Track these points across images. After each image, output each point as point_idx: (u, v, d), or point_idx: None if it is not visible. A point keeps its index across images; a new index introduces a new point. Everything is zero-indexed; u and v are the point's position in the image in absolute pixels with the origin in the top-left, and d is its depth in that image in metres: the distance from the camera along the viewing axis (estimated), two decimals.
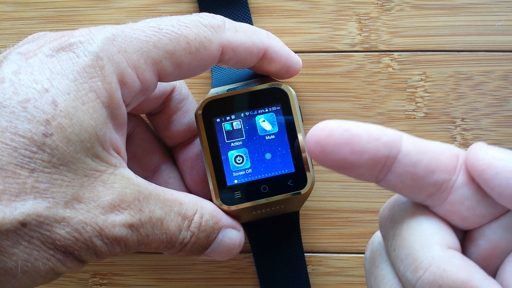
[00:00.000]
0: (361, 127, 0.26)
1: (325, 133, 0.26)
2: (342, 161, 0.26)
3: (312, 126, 0.42)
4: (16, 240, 0.29)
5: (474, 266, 0.25)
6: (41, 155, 0.29)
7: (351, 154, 0.26)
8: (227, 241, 0.38)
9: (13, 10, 0.45)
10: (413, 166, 0.26)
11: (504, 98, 0.43)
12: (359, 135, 0.26)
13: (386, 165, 0.26)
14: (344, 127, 0.26)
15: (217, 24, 0.35)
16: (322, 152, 0.26)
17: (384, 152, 0.26)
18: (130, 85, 0.33)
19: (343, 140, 0.26)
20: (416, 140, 0.26)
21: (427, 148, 0.26)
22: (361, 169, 0.27)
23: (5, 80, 0.30)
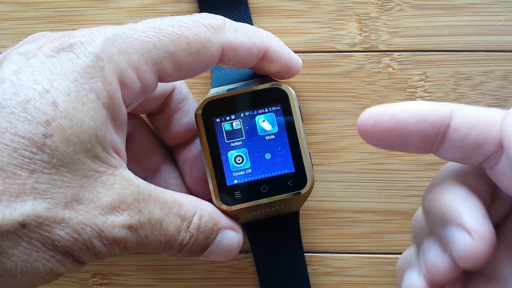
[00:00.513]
0: (408, 110, 0.27)
1: (371, 122, 0.28)
2: (393, 144, 0.28)
3: (312, 126, 0.43)
4: (15, 241, 0.29)
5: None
6: (41, 156, 0.29)
7: (399, 138, 0.28)
8: (226, 243, 0.38)
9: (13, 10, 0.45)
10: (462, 141, 0.27)
11: (504, 98, 0.43)
12: (405, 120, 0.27)
13: (437, 140, 0.28)
14: (390, 113, 0.27)
15: (217, 25, 0.35)
16: (372, 139, 0.28)
17: (432, 132, 0.27)
18: (130, 85, 0.32)
19: (390, 127, 0.27)
20: (467, 113, 0.27)
21: (478, 121, 0.27)
22: (412, 147, 0.28)
23: (5, 80, 0.30)
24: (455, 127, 0.27)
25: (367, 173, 0.43)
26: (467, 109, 0.27)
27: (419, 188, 0.43)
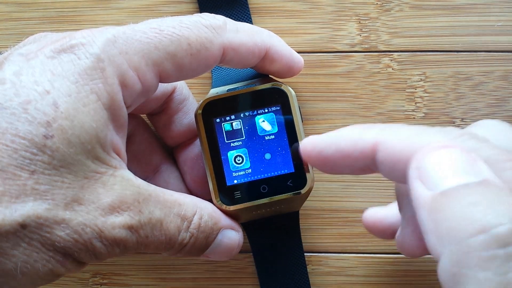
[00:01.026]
0: (332, 146, 0.29)
1: (305, 155, 0.30)
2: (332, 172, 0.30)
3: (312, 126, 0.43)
4: (15, 241, 0.29)
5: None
6: (42, 157, 0.29)
7: (333, 170, 0.29)
8: (226, 242, 0.38)
9: (14, 10, 0.45)
10: (389, 173, 0.27)
11: (504, 98, 0.43)
12: (332, 156, 0.29)
13: (371, 168, 0.28)
14: (317, 149, 0.29)
15: (218, 25, 0.35)
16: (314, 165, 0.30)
17: (361, 164, 0.28)
18: (131, 87, 0.33)
19: (321, 161, 0.29)
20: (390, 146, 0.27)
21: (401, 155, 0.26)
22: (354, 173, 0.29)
23: (6, 81, 0.30)
24: (379, 161, 0.27)
25: None
26: (390, 139, 0.27)
27: None
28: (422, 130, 0.27)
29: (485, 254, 0.21)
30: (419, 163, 0.25)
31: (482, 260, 0.21)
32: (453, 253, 0.22)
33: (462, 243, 0.22)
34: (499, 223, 0.22)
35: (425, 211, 0.24)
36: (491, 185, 0.23)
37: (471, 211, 0.22)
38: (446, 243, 0.23)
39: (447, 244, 0.23)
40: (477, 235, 0.22)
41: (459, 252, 0.22)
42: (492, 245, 0.21)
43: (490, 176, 0.24)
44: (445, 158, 0.24)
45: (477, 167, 0.24)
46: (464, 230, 0.22)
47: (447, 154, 0.24)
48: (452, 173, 0.24)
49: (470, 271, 0.22)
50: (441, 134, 0.26)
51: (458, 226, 0.22)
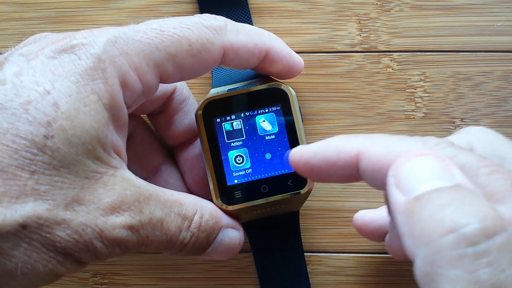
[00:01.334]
0: (317, 156, 0.29)
1: (294, 164, 0.30)
2: (319, 180, 0.30)
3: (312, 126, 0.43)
4: (16, 242, 0.29)
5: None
6: (42, 157, 0.29)
7: (321, 178, 0.30)
8: (227, 241, 0.38)
9: (14, 10, 0.45)
10: (372, 182, 0.28)
11: (504, 98, 0.43)
12: (318, 165, 0.29)
13: (356, 176, 0.29)
14: (304, 158, 0.29)
15: (218, 26, 0.35)
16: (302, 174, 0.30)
17: (346, 173, 0.29)
18: (131, 87, 0.33)
19: (308, 170, 0.30)
20: (371, 155, 0.27)
21: (382, 165, 0.27)
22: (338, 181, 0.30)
23: (7, 81, 0.30)
24: (361, 170, 0.28)
25: None
26: (371, 149, 0.28)
27: None
28: (402, 139, 0.27)
29: (455, 253, 0.22)
30: (395, 171, 0.26)
31: (452, 259, 0.22)
32: (426, 253, 0.23)
33: (433, 243, 0.23)
34: (468, 223, 0.22)
35: (401, 215, 0.25)
36: (462, 189, 0.24)
37: (442, 212, 0.23)
38: (420, 244, 0.23)
39: (421, 245, 0.23)
40: (447, 235, 0.22)
41: (431, 252, 0.23)
42: (461, 244, 0.22)
43: (463, 181, 0.24)
44: (420, 165, 0.25)
45: (451, 173, 0.25)
46: (435, 231, 0.23)
47: (422, 162, 0.25)
48: (426, 179, 0.25)
49: (441, 269, 0.22)
50: (419, 143, 0.27)
51: (429, 227, 0.23)
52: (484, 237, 0.22)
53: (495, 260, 0.22)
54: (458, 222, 0.22)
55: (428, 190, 0.24)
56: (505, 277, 0.22)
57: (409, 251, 0.24)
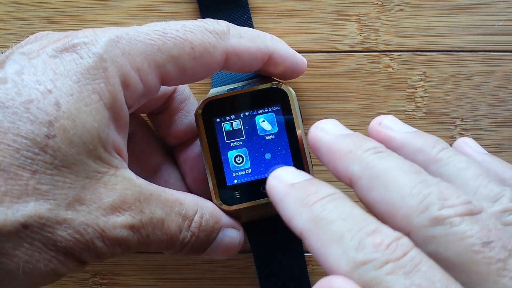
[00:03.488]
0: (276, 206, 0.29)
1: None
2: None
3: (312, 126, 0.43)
4: (17, 242, 0.29)
5: None
6: (44, 157, 0.29)
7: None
8: (227, 241, 0.38)
9: (15, 10, 0.45)
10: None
11: (504, 98, 0.43)
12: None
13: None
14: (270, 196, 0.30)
15: (221, 30, 0.35)
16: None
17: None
18: (133, 87, 0.33)
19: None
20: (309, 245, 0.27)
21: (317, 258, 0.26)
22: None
23: (8, 80, 0.30)
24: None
25: None
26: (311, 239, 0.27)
27: None
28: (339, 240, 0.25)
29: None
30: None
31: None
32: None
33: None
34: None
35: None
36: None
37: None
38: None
39: None
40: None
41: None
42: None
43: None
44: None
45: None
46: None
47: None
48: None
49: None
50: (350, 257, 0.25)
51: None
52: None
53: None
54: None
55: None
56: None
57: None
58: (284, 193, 0.29)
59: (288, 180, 0.30)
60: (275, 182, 0.30)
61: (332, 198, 0.28)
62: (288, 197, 0.29)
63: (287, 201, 0.29)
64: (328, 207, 0.27)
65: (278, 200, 0.29)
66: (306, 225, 0.27)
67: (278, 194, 0.29)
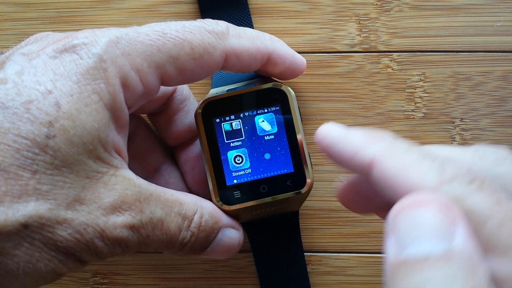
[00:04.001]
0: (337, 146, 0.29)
1: (317, 142, 0.30)
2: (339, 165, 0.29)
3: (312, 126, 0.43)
4: (18, 241, 0.29)
5: None
6: (44, 157, 0.29)
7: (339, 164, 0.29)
8: (227, 241, 0.38)
9: (14, 10, 0.45)
10: (381, 192, 0.27)
11: (503, 98, 0.43)
12: (335, 155, 0.29)
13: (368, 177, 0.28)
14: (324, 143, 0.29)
15: (221, 31, 0.35)
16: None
17: (358, 171, 0.28)
18: (132, 88, 0.33)
19: (327, 153, 0.29)
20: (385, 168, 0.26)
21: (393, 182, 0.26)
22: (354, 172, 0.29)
23: (8, 81, 0.30)
24: (372, 178, 0.27)
25: None
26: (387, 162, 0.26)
27: None
28: (421, 161, 0.26)
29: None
30: (393, 218, 0.24)
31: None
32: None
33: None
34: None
35: (386, 274, 0.24)
36: (453, 259, 0.22)
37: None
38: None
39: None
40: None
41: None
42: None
43: (461, 243, 0.23)
44: (418, 218, 0.23)
45: (451, 229, 0.23)
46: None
47: (422, 214, 0.23)
48: (420, 238, 0.23)
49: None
50: (435, 172, 0.25)
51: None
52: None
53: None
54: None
55: (416, 255, 0.23)
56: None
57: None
58: (344, 132, 0.29)
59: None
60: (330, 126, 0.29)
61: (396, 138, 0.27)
62: (351, 133, 0.28)
63: (351, 137, 0.28)
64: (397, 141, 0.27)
65: (338, 138, 0.29)
66: (379, 151, 0.27)
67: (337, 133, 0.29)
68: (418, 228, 0.23)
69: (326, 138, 0.29)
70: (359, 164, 0.27)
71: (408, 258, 0.23)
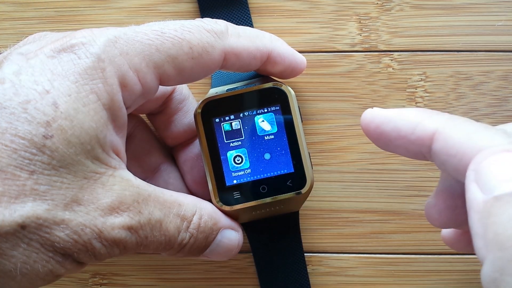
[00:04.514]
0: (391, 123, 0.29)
1: (364, 126, 0.30)
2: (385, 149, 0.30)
3: (312, 126, 0.43)
4: (15, 242, 0.29)
5: None
6: (41, 157, 0.29)
7: (387, 146, 0.29)
8: (226, 242, 0.38)
9: (13, 10, 0.45)
10: (443, 165, 0.27)
11: (504, 98, 0.43)
12: (388, 132, 0.29)
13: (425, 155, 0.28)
14: (376, 122, 0.29)
15: (220, 30, 0.35)
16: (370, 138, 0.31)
17: (416, 148, 0.28)
18: (131, 88, 0.32)
19: (377, 135, 0.30)
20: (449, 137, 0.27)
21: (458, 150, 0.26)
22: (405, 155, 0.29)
23: (6, 80, 0.30)
24: (435, 151, 0.27)
25: (367, 173, 0.43)
26: (451, 132, 0.27)
27: (419, 188, 0.43)
28: (486, 129, 0.26)
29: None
30: (477, 166, 0.25)
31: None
32: (496, 259, 0.22)
33: (507, 251, 0.22)
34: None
35: (477, 214, 0.24)
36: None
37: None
38: (492, 248, 0.22)
39: (493, 249, 0.22)
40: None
41: (503, 259, 0.22)
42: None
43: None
44: (503, 163, 0.24)
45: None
46: (510, 238, 0.22)
47: (506, 160, 0.24)
48: (508, 179, 0.24)
49: (510, 278, 0.21)
50: (503, 136, 0.26)
51: (505, 233, 0.22)
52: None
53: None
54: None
55: (509, 191, 0.23)
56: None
57: (479, 253, 0.23)
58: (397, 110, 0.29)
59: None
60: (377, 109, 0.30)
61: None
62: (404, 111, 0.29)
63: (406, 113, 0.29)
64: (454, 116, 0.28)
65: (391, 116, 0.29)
66: (442, 123, 0.27)
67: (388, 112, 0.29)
68: (504, 172, 0.24)
69: (377, 117, 0.29)
70: (419, 138, 0.27)
71: (503, 194, 0.23)
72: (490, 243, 0.23)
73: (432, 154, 0.28)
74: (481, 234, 0.23)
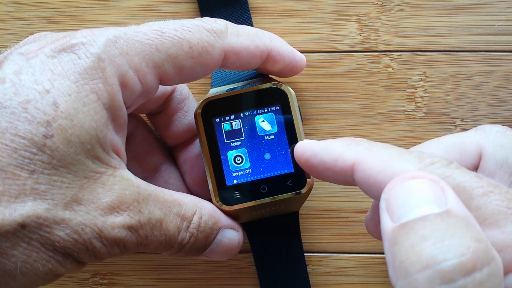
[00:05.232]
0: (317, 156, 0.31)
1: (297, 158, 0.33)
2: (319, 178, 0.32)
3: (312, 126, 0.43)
4: (15, 241, 0.29)
5: None
6: (41, 157, 0.29)
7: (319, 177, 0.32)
8: (226, 242, 0.38)
9: (14, 10, 0.45)
10: (367, 192, 0.28)
11: (504, 98, 0.43)
12: (316, 166, 0.31)
13: (352, 183, 0.30)
14: (305, 156, 0.32)
15: (219, 29, 0.35)
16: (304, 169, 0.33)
17: (342, 179, 0.30)
18: (131, 87, 0.32)
19: (308, 167, 0.32)
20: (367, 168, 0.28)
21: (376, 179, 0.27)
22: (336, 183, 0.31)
23: (6, 80, 0.30)
24: (356, 181, 0.28)
25: None
26: (368, 161, 0.28)
27: None
28: (400, 154, 0.27)
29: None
30: (387, 195, 0.25)
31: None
32: (403, 286, 0.23)
33: (410, 278, 0.23)
34: (445, 258, 0.22)
35: (386, 243, 0.24)
36: (450, 216, 0.24)
37: (421, 245, 0.23)
38: (399, 276, 0.23)
39: (399, 277, 0.23)
40: (423, 271, 0.22)
41: (409, 286, 0.22)
42: (436, 281, 0.22)
43: (455, 206, 0.24)
44: (412, 189, 0.25)
45: (443, 197, 0.24)
46: (413, 265, 0.23)
47: (415, 185, 0.25)
48: (416, 204, 0.24)
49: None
50: (415, 160, 0.27)
51: (408, 260, 0.23)
52: (461, 274, 0.22)
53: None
54: (435, 257, 0.22)
55: (414, 218, 0.24)
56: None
57: (391, 281, 0.24)
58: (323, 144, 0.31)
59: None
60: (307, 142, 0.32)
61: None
62: (329, 143, 0.31)
63: (331, 146, 0.30)
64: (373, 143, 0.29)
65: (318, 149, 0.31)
66: (359, 153, 0.29)
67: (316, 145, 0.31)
68: (412, 198, 0.24)
69: (306, 151, 0.31)
70: (341, 169, 0.29)
71: (407, 222, 0.24)
72: (397, 270, 0.23)
73: (356, 183, 0.29)
74: (391, 262, 0.24)
